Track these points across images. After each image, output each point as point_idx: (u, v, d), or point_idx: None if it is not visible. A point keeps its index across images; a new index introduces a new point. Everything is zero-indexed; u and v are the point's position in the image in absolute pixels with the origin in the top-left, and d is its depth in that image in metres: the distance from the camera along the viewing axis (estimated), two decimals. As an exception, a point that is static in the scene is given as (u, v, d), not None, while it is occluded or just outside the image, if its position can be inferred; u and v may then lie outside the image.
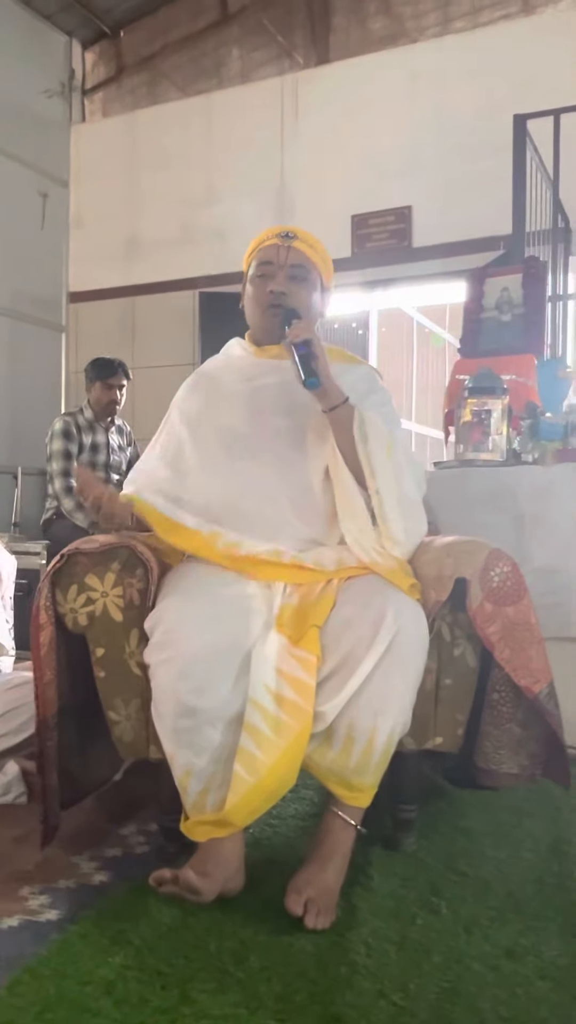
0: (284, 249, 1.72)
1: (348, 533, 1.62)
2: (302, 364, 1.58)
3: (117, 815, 1.79)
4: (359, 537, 1.61)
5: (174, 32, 5.93)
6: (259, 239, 1.77)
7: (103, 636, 1.53)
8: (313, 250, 1.74)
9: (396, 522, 1.60)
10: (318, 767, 1.43)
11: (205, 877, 1.31)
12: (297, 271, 1.72)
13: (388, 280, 5.30)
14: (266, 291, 1.72)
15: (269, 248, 1.74)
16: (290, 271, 1.72)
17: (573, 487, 2.21)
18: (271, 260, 1.73)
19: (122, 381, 3.99)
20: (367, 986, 1.16)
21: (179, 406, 1.82)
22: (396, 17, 5.46)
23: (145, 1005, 1.11)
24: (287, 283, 1.71)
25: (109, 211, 5.98)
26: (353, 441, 1.62)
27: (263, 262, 1.74)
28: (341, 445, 1.63)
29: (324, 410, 1.63)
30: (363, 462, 1.61)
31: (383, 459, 1.61)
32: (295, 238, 1.73)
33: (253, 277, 1.75)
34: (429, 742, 1.57)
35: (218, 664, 1.42)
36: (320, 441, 1.68)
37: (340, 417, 1.63)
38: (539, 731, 1.58)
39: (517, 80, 4.52)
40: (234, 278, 3.73)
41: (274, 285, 1.71)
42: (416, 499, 1.68)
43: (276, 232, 1.75)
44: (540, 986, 1.17)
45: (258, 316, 1.76)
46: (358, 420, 1.62)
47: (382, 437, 1.62)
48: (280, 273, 1.72)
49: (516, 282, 2.79)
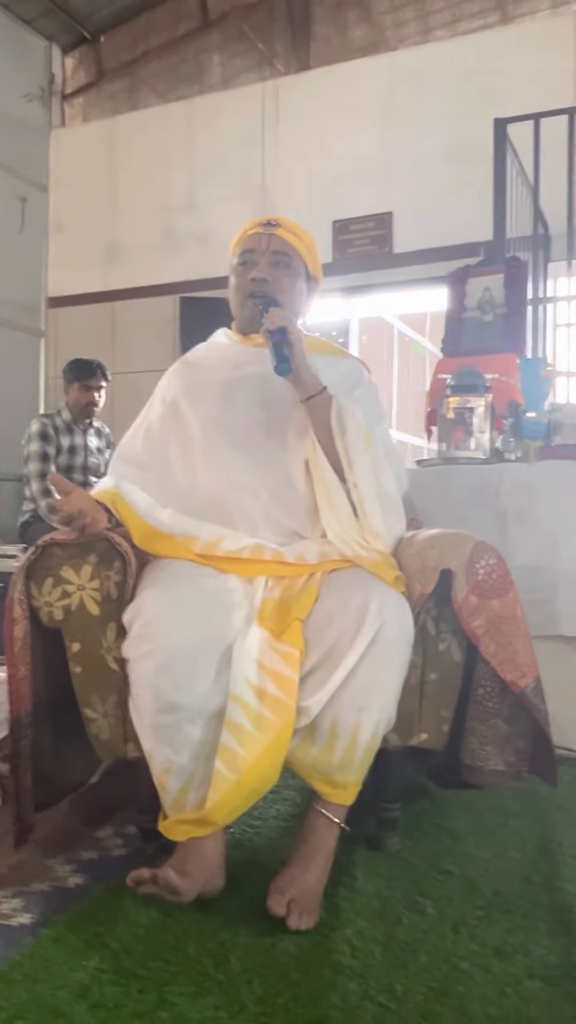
0: (266, 237, 1.71)
1: (329, 528, 1.60)
2: (275, 350, 1.57)
3: (93, 818, 1.74)
4: (340, 531, 1.58)
5: (154, 38, 5.93)
6: (243, 229, 1.76)
7: (79, 630, 1.48)
8: (297, 237, 1.72)
9: (376, 515, 1.58)
10: (301, 764, 1.39)
11: (185, 877, 1.27)
12: (279, 257, 1.70)
13: (369, 286, 5.31)
14: (247, 279, 1.70)
15: (251, 237, 1.73)
16: (272, 257, 1.70)
17: (555, 484, 2.20)
18: (253, 248, 1.71)
19: (100, 382, 3.96)
20: (352, 987, 1.12)
21: (162, 394, 1.79)
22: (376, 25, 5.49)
23: (121, 1009, 1.07)
24: (269, 269, 1.69)
25: (89, 216, 5.95)
26: (331, 431, 1.60)
27: (245, 250, 1.72)
28: (319, 435, 1.61)
29: (301, 399, 1.61)
30: (340, 453, 1.59)
31: (361, 450, 1.59)
32: (278, 226, 1.72)
33: (235, 266, 1.73)
34: (414, 738, 1.54)
35: (199, 659, 1.38)
36: (301, 434, 1.66)
37: (317, 407, 1.61)
38: (526, 727, 1.55)
39: (496, 87, 4.55)
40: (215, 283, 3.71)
41: (255, 272, 1.69)
42: (395, 494, 1.66)
43: (259, 221, 1.74)
44: (529, 985, 1.14)
45: (239, 305, 1.74)
46: (335, 410, 1.60)
47: (360, 428, 1.60)
48: (262, 260, 1.70)
49: (498, 282, 2.78)
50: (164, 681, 1.35)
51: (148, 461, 1.72)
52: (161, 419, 1.75)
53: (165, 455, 1.71)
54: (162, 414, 1.76)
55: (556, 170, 3.39)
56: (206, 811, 1.30)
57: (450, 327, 2.84)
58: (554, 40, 4.66)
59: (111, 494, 1.59)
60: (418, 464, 2.50)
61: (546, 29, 4.85)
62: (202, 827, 1.32)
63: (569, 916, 1.32)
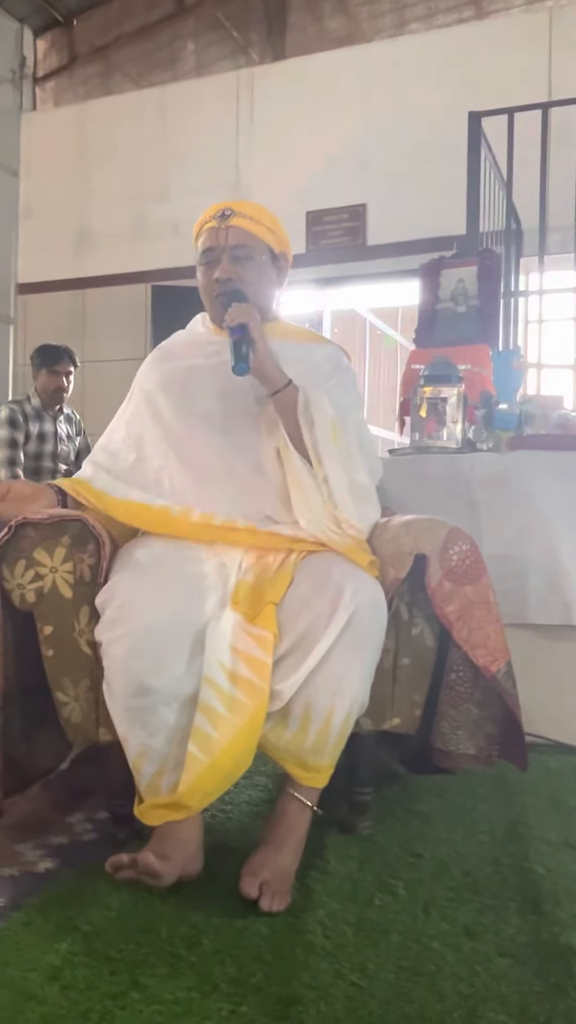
0: (223, 231, 1.66)
1: (301, 516, 1.59)
2: (233, 349, 1.54)
3: (63, 803, 1.73)
4: (312, 518, 1.58)
5: (128, 23, 5.87)
6: (201, 220, 1.70)
7: (52, 613, 1.47)
8: (255, 222, 1.68)
9: (347, 506, 1.58)
10: (274, 747, 1.39)
11: (165, 860, 1.26)
12: (239, 251, 1.66)
13: (342, 278, 5.32)
14: (211, 279, 1.67)
15: (210, 232, 1.68)
16: (232, 252, 1.66)
17: (526, 475, 2.22)
18: (212, 245, 1.67)
19: (68, 368, 3.91)
20: (324, 967, 1.13)
21: (140, 384, 1.78)
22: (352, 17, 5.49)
23: (93, 991, 1.06)
24: (231, 266, 1.65)
25: (60, 202, 5.88)
26: (299, 425, 1.59)
27: (206, 248, 1.68)
28: (288, 428, 1.60)
29: (267, 394, 1.61)
30: (309, 448, 1.58)
31: (329, 443, 1.59)
32: (233, 215, 1.66)
33: (199, 264, 1.71)
34: (386, 723, 1.55)
35: (173, 642, 1.37)
36: (273, 421, 1.65)
37: (284, 400, 1.60)
38: (496, 712, 1.56)
39: (470, 81, 4.58)
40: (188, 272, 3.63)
41: (219, 272, 1.66)
42: (367, 484, 1.66)
43: (213, 213, 1.68)
44: (500, 963, 1.15)
45: (207, 304, 1.73)
46: (302, 403, 1.59)
47: (328, 420, 1.59)
48: (223, 257, 1.66)
49: (471, 274, 2.80)
50: (137, 664, 1.34)
51: (124, 450, 1.71)
52: (138, 408, 1.74)
53: (140, 444, 1.70)
54: (139, 404, 1.75)
55: (529, 165, 3.41)
56: (179, 794, 1.30)
57: (423, 318, 2.85)
58: (528, 36, 4.70)
59: (80, 483, 1.63)
60: (391, 454, 2.51)
61: (520, 25, 4.88)
62: (177, 811, 1.31)
63: (537, 896, 1.33)
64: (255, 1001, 1.05)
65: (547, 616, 2.17)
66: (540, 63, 4.69)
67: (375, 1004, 1.05)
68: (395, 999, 1.06)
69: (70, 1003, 1.04)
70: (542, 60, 4.69)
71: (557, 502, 2.17)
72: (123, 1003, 1.04)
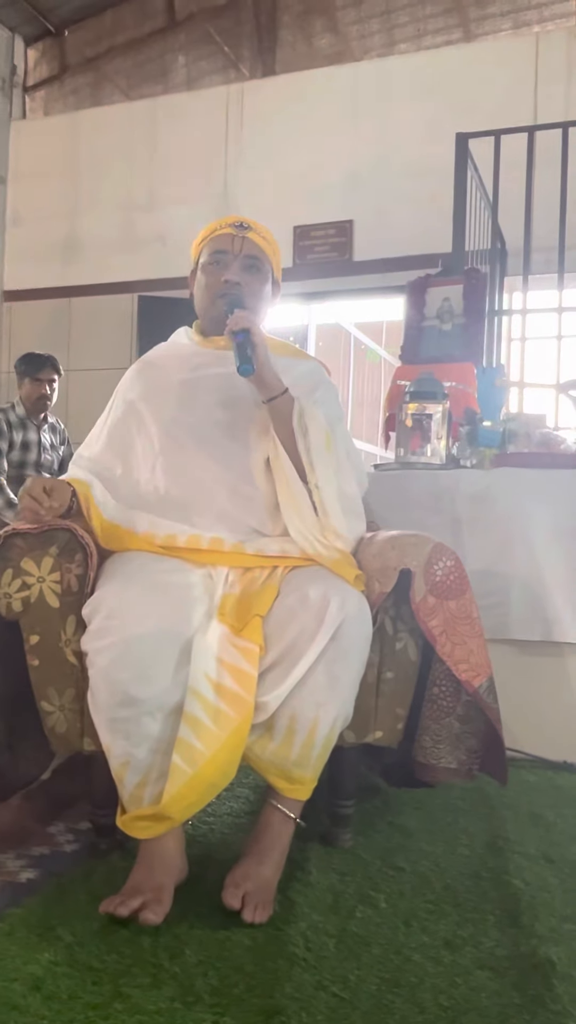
0: (239, 239, 1.71)
1: (291, 524, 1.60)
2: (238, 351, 1.57)
3: (45, 814, 1.72)
4: (301, 527, 1.59)
5: (120, 35, 5.91)
6: (211, 228, 1.76)
7: (38, 623, 1.47)
8: (266, 242, 1.75)
9: (337, 515, 1.60)
10: (259, 760, 1.40)
11: (157, 904, 1.25)
12: (251, 261, 1.72)
13: (328, 292, 5.36)
14: (220, 280, 1.70)
15: (223, 237, 1.73)
16: (244, 261, 1.71)
17: (509, 492, 2.25)
18: (226, 249, 1.72)
19: (52, 376, 3.91)
20: (306, 978, 1.13)
21: (123, 394, 1.78)
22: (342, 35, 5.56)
23: (76, 1001, 1.06)
24: (241, 273, 1.70)
25: (48, 210, 5.89)
26: (292, 433, 1.61)
27: (217, 251, 1.72)
28: (281, 436, 1.62)
29: (263, 400, 1.62)
30: (302, 455, 1.61)
31: (322, 452, 1.61)
32: (250, 229, 1.73)
33: (206, 265, 1.74)
34: (369, 736, 1.56)
35: (158, 653, 1.38)
36: (262, 433, 1.67)
37: (279, 408, 1.62)
38: (478, 726, 1.58)
39: (457, 103, 4.65)
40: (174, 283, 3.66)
41: (229, 274, 1.70)
42: (355, 495, 1.68)
43: (230, 222, 1.74)
44: (479, 975, 1.16)
45: (208, 304, 1.74)
46: (297, 412, 1.62)
47: (321, 430, 1.62)
48: (235, 263, 1.71)
49: (457, 292, 2.84)
50: (123, 675, 1.35)
51: (109, 461, 1.71)
52: (122, 419, 1.74)
53: (125, 455, 1.70)
54: (123, 414, 1.74)
55: (515, 186, 3.47)
56: (163, 805, 1.30)
57: (409, 335, 2.89)
58: (515, 59, 4.78)
59: (84, 485, 1.61)
60: (375, 468, 2.53)
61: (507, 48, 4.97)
62: (160, 823, 1.31)
63: (516, 909, 1.35)
64: (237, 1012, 1.05)
65: (528, 632, 2.19)
66: (526, 86, 4.78)
67: (356, 1015, 1.06)
68: (376, 1011, 1.07)
69: (52, 1013, 1.04)
70: (528, 83, 4.77)
71: (539, 520, 2.20)
72: (106, 1013, 1.04)
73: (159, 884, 1.29)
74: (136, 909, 1.24)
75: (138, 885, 1.28)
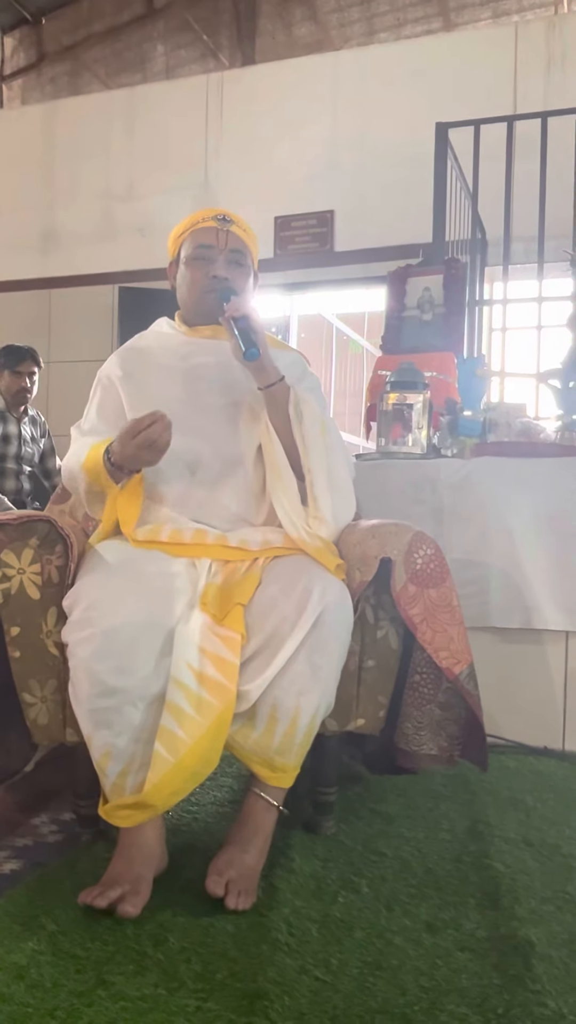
0: (223, 233, 1.72)
1: (280, 507, 1.62)
2: (242, 337, 1.58)
3: (28, 806, 1.72)
4: (290, 511, 1.61)
5: (97, 23, 5.86)
6: (193, 219, 1.75)
7: (19, 615, 1.47)
8: (247, 234, 1.76)
9: (325, 501, 1.61)
10: (241, 748, 1.40)
11: (135, 896, 1.26)
12: (236, 256, 1.73)
13: (309, 283, 5.35)
14: (208, 275, 1.70)
15: (207, 231, 1.72)
16: (230, 256, 1.72)
17: (489, 481, 2.26)
18: (211, 244, 1.71)
19: (32, 368, 3.89)
20: (289, 963, 1.15)
21: (109, 376, 1.76)
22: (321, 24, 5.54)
23: (59, 989, 1.07)
24: (227, 268, 1.71)
25: (26, 201, 5.84)
26: (287, 419, 1.63)
27: (202, 245, 1.72)
28: (275, 422, 1.64)
29: (260, 387, 1.63)
30: (297, 440, 1.62)
31: (317, 438, 1.63)
32: (232, 222, 1.73)
33: (190, 259, 1.73)
34: (351, 724, 1.57)
35: (140, 643, 1.38)
36: (254, 420, 1.68)
37: (276, 395, 1.64)
38: (459, 713, 1.60)
39: (438, 92, 4.65)
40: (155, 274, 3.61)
41: (216, 270, 1.70)
42: (347, 480, 1.70)
43: (212, 214, 1.73)
44: (460, 957, 1.18)
45: (195, 299, 1.74)
46: (293, 399, 1.64)
47: (316, 417, 1.64)
48: (220, 258, 1.71)
49: (437, 283, 2.85)
50: (104, 665, 1.35)
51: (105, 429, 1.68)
52: (112, 401, 1.73)
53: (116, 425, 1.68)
54: (110, 395, 1.74)
55: (495, 176, 3.48)
56: (145, 793, 1.30)
57: (390, 325, 2.89)
58: (495, 49, 4.78)
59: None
60: (357, 458, 2.54)
61: (487, 38, 4.96)
62: (142, 811, 1.32)
63: (496, 892, 1.36)
64: (221, 997, 1.06)
65: (508, 620, 2.21)
66: (506, 76, 4.78)
67: (339, 998, 1.07)
68: (358, 993, 1.08)
69: (36, 1001, 1.04)
70: (508, 73, 4.78)
71: (519, 509, 2.21)
72: (89, 1000, 1.05)
73: (137, 875, 1.29)
74: (114, 900, 1.24)
75: (117, 876, 1.29)
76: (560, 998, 1.07)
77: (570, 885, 1.40)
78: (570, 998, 1.08)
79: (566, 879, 1.43)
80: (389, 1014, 1.04)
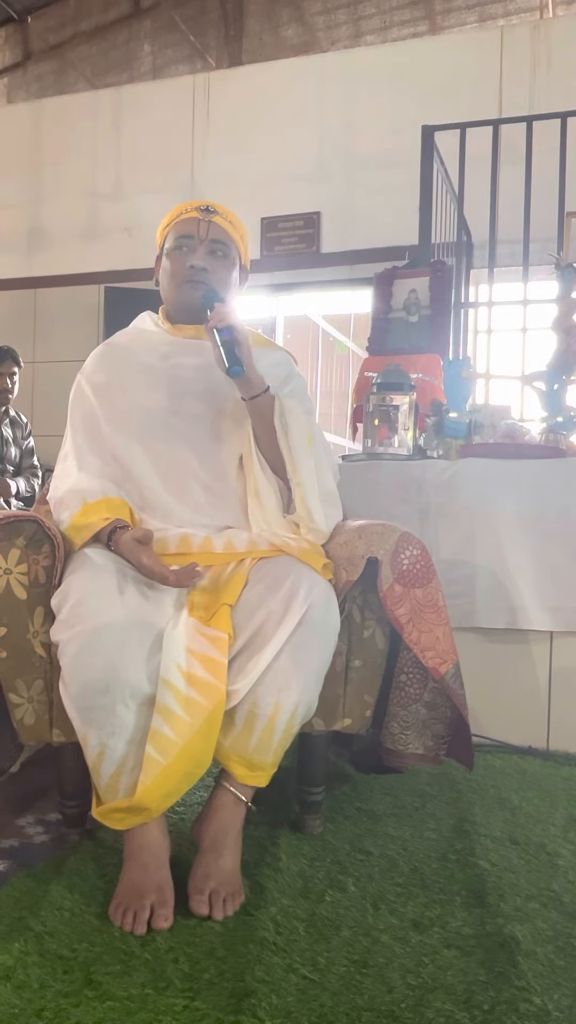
0: (204, 223, 1.69)
1: (256, 523, 1.61)
2: (226, 351, 1.56)
3: (14, 806, 1.72)
4: (266, 527, 1.60)
5: (84, 22, 5.84)
6: (176, 211, 1.73)
7: (5, 615, 1.46)
8: (233, 226, 1.73)
9: (317, 511, 1.61)
10: (220, 746, 1.38)
11: (163, 906, 1.25)
12: (217, 246, 1.70)
13: (295, 284, 5.36)
14: (185, 265, 1.69)
15: (188, 221, 1.71)
16: (210, 246, 1.70)
17: (474, 482, 2.27)
18: (191, 234, 1.70)
19: (12, 368, 3.87)
20: (277, 961, 1.15)
21: (89, 380, 1.75)
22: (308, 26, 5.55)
23: (46, 990, 1.07)
24: (207, 258, 1.69)
25: (11, 200, 5.82)
26: (272, 431, 1.61)
27: (182, 235, 1.70)
28: (259, 432, 1.62)
29: (244, 398, 1.62)
30: (284, 453, 1.61)
31: (305, 450, 1.62)
32: (216, 213, 1.71)
33: (170, 250, 1.72)
34: (338, 723, 1.58)
35: (129, 641, 1.37)
36: (236, 427, 1.67)
37: (260, 406, 1.62)
38: (445, 713, 1.61)
39: (423, 95, 4.66)
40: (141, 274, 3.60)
41: (194, 260, 1.68)
42: (334, 488, 1.70)
43: (195, 205, 1.72)
44: (446, 954, 1.19)
45: (174, 290, 1.72)
46: (279, 410, 1.62)
47: (303, 428, 1.62)
48: (200, 248, 1.69)
49: (423, 284, 2.86)
50: (93, 662, 1.33)
51: (92, 456, 1.66)
52: (97, 407, 1.70)
53: (102, 444, 1.67)
54: (97, 402, 1.71)
55: (480, 179, 3.49)
56: (138, 797, 1.29)
57: (376, 326, 2.90)
58: (480, 53, 4.80)
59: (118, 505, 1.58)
60: (343, 460, 2.54)
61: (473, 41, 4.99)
62: (136, 814, 1.31)
63: (482, 890, 1.37)
64: (208, 996, 1.07)
65: (493, 620, 2.23)
66: (491, 80, 4.80)
67: (326, 996, 1.07)
68: (346, 991, 1.09)
69: (23, 1002, 1.04)
70: (493, 77, 4.80)
71: (504, 509, 2.22)
72: (77, 1001, 1.05)
73: (158, 883, 1.28)
74: (148, 920, 1.23)
75: (138, 886, 1.27)
76: (545, 994, 1.08)
77: (554, 882, 1.41)
78: (555, 994, 1.09)
79: (550, 877, 1.44)
80: (376, 1012, 1.05)
